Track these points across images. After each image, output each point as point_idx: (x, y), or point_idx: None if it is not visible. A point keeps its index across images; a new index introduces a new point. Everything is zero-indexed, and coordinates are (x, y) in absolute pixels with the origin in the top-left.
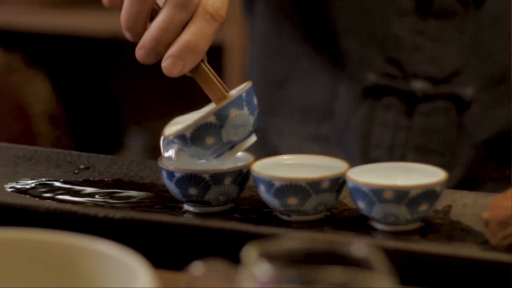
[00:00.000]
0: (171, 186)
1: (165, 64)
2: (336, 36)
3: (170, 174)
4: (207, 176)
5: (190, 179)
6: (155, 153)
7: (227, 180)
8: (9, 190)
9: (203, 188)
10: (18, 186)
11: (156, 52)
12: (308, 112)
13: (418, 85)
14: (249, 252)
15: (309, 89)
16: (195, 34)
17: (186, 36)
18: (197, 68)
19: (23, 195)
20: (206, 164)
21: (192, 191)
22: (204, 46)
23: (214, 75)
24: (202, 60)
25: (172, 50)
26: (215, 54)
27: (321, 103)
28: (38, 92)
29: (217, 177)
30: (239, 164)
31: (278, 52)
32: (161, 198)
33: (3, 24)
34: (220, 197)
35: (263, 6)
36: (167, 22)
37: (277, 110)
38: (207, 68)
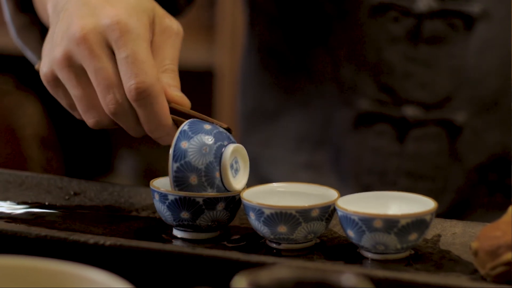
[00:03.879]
0: (162, 210)
1: (160, 142)
2: (329, 64)
3: (163, 197)
4: (200, 200)
5: (184, 202)
6: (145, 176)
7: (220, 206)
8: None
9: (195, 212)
10: (8, 212)
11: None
12: (302, 141)
13: (410, 111)
14: (239, 281)
15: (303, 119)
16: (148, 122)
17: (146, 127)
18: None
19: (13, 221)
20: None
21: (184, 214)
22: (163, 119)
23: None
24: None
25: (153, 137)
26: (206, 79)
27: (315, 131)
28: (28, 115)
29: (210, 202)
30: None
31: (271, 85)
32: (151, 224)
33: None
34: (211, 223)
35: (254, 40)
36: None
37: (270, 140)
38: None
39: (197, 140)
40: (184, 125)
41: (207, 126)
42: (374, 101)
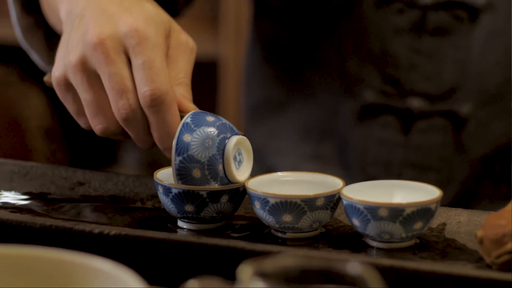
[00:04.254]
0: (166, 202)
1: (166, 154)
2: (334, 56)
3: (167, 190)
4: (204, 193)
5: (187, 195)
6: (149, 167)
7: (224, 198)
8: (4, 206)
9: (199, 205)
10: (13, 202)
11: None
12: (307, 133)
13: (415, 103)
14: (244, 270)
15: (308, 111)
16: (159, 130)
17: (156, 135)
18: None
19: (18, 211)
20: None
21: (188, 207)
22: (174, 128)
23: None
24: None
25: (162, 147)
26: (210, 70)
27: (320, 123)
28: (33, 106)
29: (214, 195)
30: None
31: (276, 77)
32: (156, 215)
33: None
34: (215, 215)
35: (259, 32)
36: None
37: (276, 132)
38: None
39: (200, 133)
40: (187, 118)
41: (210, 118)
42: (379, 93)
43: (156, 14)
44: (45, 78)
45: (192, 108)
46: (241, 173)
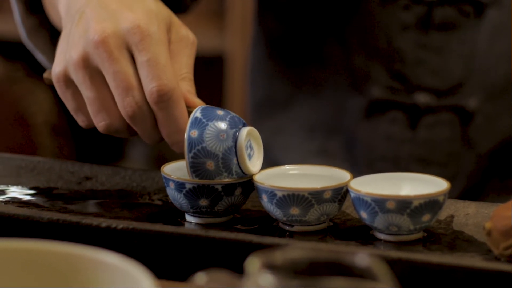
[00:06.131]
0: (178, 198)
1: (175, 149)
2: (340, 53)
3: (180, 186)
4: (219, 187)
5: (202, 190)
6: (157, 162)
7: (238, 191)
8: (12, 200)
9: (214, 199)
10: (20, 197)
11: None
12: (314, 129)
13: (422, 98)
14: (252, 262)
15: (314, 107)
16: (167, 126)
17: (164, 131)
18: None
19: (25, 205)
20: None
21: (203, 202)
22: (182, 124)
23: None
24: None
25: (170, 142)
26: (216, 65)
27: (327, 120)
28: (39, 102)
29: (229, 188)
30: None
31: (281, 74)
32: (163, 209)
33: (4, 34)
34: (229, 208)
35: (263, 28)
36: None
37: (282, 128)
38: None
39: (213, 126)
40: (196, 111)
41: (220, 112)
42: (386, 89)
43: (157, 9)
44: (45, 75)
45: (199, 103)
46: (253, 164)
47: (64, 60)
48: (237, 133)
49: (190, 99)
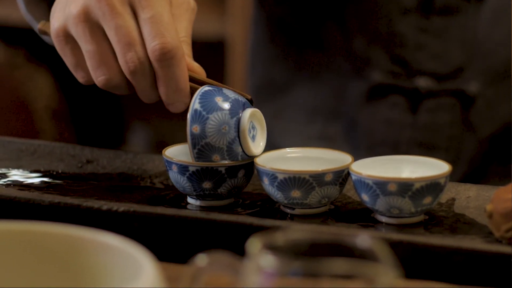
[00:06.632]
0: (181, 181)
1: (171, 109)
2: (341, 37)
3: (183, 168)
4: (223, 169)
5: (206, 172)
6: (158, 147)
7: (241, 173)
8: (13, 184)
9: (218, 181)
10: (21, 180)
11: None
12: (314, 114)
13: (423, 82)
14: (254, 244)
15: (315, 91)
16: (167, 85)
17: (163, 90)
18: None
19: (27, 188)
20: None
21: (206, 184)
22: (182, 83)
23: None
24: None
25: (167, 102)
26: (217, 49)
27: (327, 104)
28: (40, 88)
29: (232, 170)
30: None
31: (281, 58)
32: (164, 191)
33: (5, 20)
34: (232, 190)
35: (264, 13)
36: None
37: (282, 112)
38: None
39: (214, 119)
40: (195, 102)
41: (219, 99)
42: (386, 73)
43: None
44: (39, 26)
45: (196, 66)
46: (257, 145)
47: (63, 16)
48: (239, 120)
49: (188, 62)
